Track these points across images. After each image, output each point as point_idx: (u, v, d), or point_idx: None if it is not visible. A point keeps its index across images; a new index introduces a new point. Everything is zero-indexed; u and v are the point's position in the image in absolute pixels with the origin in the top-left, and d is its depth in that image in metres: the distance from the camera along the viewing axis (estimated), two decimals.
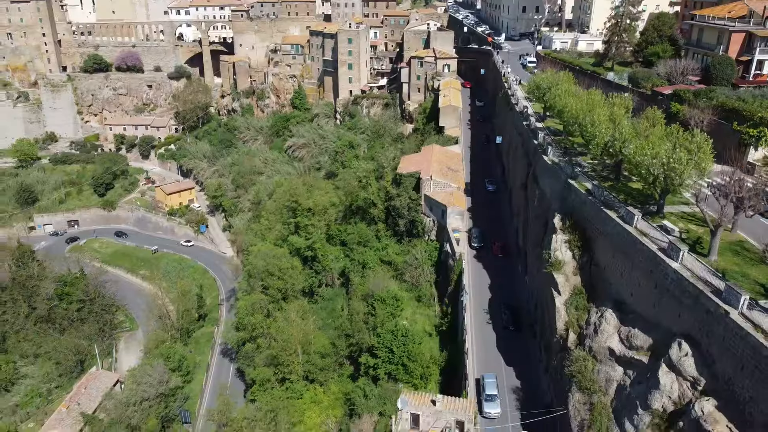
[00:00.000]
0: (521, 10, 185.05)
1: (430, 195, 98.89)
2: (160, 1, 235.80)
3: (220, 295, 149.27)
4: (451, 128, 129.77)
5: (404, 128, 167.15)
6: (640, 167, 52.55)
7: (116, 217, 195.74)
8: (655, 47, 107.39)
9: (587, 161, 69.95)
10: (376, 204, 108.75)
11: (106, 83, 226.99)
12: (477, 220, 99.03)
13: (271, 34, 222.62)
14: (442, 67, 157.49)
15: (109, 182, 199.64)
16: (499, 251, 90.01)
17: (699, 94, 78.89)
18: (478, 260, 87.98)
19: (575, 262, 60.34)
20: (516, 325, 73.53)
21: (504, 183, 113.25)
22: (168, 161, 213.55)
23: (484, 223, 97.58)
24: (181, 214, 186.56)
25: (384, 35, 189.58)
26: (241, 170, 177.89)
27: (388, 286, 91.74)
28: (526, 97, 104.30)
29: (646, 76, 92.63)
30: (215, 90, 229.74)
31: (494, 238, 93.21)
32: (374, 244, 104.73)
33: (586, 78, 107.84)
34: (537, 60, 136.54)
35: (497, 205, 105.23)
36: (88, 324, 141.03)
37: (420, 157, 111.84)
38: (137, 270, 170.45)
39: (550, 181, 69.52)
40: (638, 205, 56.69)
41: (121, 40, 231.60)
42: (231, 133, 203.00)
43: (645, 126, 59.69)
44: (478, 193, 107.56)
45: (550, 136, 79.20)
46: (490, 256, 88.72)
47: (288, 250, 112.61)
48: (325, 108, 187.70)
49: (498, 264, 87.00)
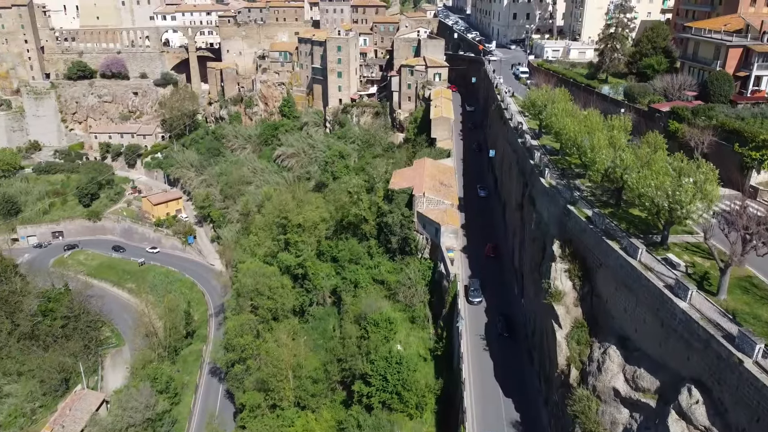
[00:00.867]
0: (512, 16, 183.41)
1: (423, 212, 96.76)
2: (146, 7, 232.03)
3: (209, 310, 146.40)
4: (443, 140, 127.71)
5: (395, 137, 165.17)
6: (644, 198, 50.63)
7: (102, 227, 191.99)
8: (649, 59, 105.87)
9: (586, 184, 67.98)
10: (367, 220, 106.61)
11: (90, 90, 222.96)
12: (470, 227, 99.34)
13: (259, 39, 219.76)
14: (433, 76, 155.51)
15: (95, 192, 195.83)
16: (491, 252, 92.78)
17: (697, 112, 77.25)
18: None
19: (576, 293, 58.37)
20: (510, 332, 74.79)
21: (497, 194, 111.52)
22: (155, 170, 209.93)
23: (477, 231, 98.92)
24: (169, 225, 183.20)
25: (374, 42, 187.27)
26: (229, 180, 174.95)
27: (381, 307, 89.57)
28: (520, 111, 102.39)
29: (642, 91, 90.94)
30: (202, 97, 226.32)
31: (486, 240, 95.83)
32: (366, 262, 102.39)
33: (580, 92, 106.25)
34: (530, 71, 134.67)
35: (489, 211, 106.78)
36: (72, 341, 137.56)
37: (412, 171, 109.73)
38: (124, 283, 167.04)
39: (548, 204, 67.54)
40: (641, 235, 54.88)
41: (106, 46, 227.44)
42: (219, 142, 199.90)
43: (646, 151, 57.77)
44: (470, 199, 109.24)
45: (546, 155, 77.26)
46: (483, 259, 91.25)
47: (278, 267, 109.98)
48: (314, 116, 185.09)
49: (491, 266, 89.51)
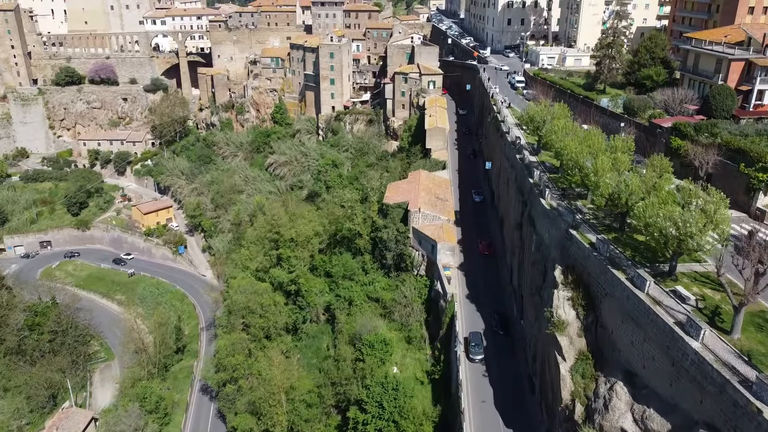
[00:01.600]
0: (506, 22, 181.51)
1: (418, 228, 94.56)
2: (135, 11, 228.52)
3: (200, 323, 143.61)
4: (438, 150, 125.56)
5: (388, 145, 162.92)
6: (651, 228, 48.56)
7: (91, 237, 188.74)
8: (648, 70, 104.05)
9: (587, 206, 65.95)
10: (361, 235, 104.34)
11: (79, 96, 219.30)
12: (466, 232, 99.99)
13: (250, 44, 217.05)
14: (428, 84, 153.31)
15: (83, 201, 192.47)
16: (485, 249, 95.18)
17: (700, 128, 75.40)
18: (471, 301, 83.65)
19: (579, 323, 56.21)
20: (504, 329, 77.13)
21: (494, 207, 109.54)
22: (145, 177, 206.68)
23: (471, 231, 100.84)
24: (159, 235, 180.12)
25: (367, 48, 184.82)
26: (221, 189, 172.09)
27: (376, 326, 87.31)
28: (517, 124, 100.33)
29: (642, 104, 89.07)
30: (193, 102, 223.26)
31: (480, 238, 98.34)
32: (360, 278, 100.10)
33: (578, 103, 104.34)
34: (526, 80, 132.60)
35: (483, 214, 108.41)
36: (60, 356, 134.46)
37: (407, 184, 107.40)
38: (113, 295, 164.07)
39: (549, 227, 65.39)
40: (647, 264, 52.86)
41: (95, 51, 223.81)
42: (210, 149, 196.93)
43: (651, 175, 55.75)
44: (465, 204, 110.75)
45: (545, 173, 75.18)
46: (479, 257, 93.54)
47: (270, 283, 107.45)
48: (306, 124, 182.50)
49: (485, 263, 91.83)
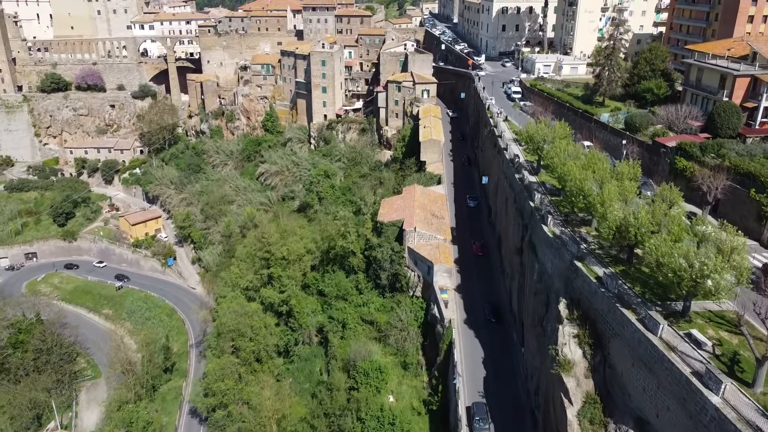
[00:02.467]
0: (500, 28, 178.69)
1: (414, 248, 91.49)
2: (123, 16, 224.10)
3: (189, 340, 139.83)
4: (433, 163, 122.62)
5: (382, 155, 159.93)
6: (664, 268, 45.68)
7: (77, 248, 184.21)
8: (648, 83, 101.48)
9: (592, 233, 63.09)
10: (355, 253, 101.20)
11: (65, 103, 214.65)
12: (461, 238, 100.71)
13: (241, 50, 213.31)
14: (421, 93, 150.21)
15: (70, 211, 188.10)
16: (479, 250, 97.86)
17: (706, 148, 72.79)
18: (470, 326, 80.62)
19: (587, 362, 53.33)
20: (497, 317, 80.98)
21: (491, 224, 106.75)
22: (133, 186, 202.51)
23: (465, 233, 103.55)
24: (147, 246, 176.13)
25: (359, 55, 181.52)
26: (210, 200, 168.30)
27: (371, 352, 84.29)
28: (515, 139, 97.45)
29: (644, 121, 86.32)
30: (182, 109, 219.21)
31: (474, 239, 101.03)
32: (354, 299, 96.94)
33: (577, 117, 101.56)
34: (522, 90, 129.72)
35: (478, 219, 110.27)
36: (45, 374, 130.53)
37: (402, 201, 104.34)
38: (100, 309, 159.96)
39: (552, 256, 62.46)
40: (658, 301, 50.05)
41: (81, 57, 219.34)
42: (199, 157, 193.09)
43: (661, 207, 52.92)
44: (460, 209, 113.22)
45: (546, 195, 72.30)
46: (473, 256, 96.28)
47: (260, 303, 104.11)
48: (298, 132, 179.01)
49: (478, 262, 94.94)
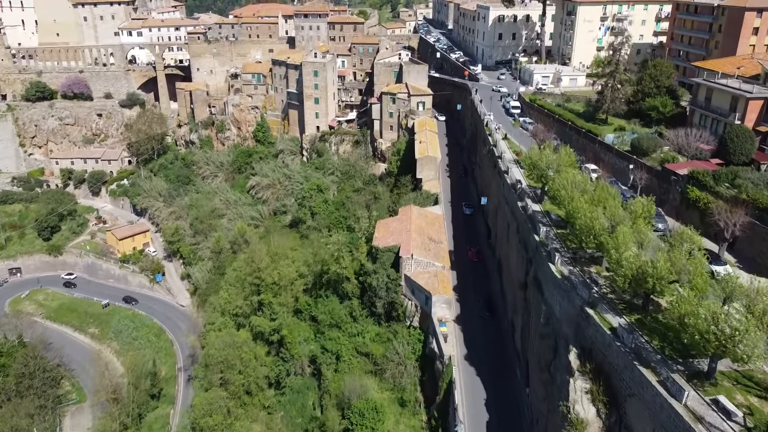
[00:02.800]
0: (497, 36, 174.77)
1: (411, 276, 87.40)
2: (110, 22, 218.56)
3: (178, 363, 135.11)
4: (430, 180, 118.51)
5: (376, 168, 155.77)
6: (690, 329, 41.67)
7: (63, 263, 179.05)
8: (653, 100, 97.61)
9: (603, 273, 59.08)
10: (349, 279, 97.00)
11: (50, 112, 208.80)
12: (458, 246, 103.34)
13: (231, 57, 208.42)
14: (417, 105, 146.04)
15: (55, 224, 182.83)
16: (474, 256, 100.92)
17: (719, 176, 69.05)
18: (471, 363, 76.58)
19: (601, 422, 49.30)
20: (490, 311, 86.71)
21: (490, 247, 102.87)
22: (121, 198, 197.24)
23: (461, 239, 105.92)
24: (135, 261, 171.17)
25: (352, 64, 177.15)
26: (200, 214, 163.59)
27: (366, 388, 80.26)
28: (515, 160, 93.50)
29: (652, 144, 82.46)
30: (172, 117, 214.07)
31: (470, 246, 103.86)
32: (348, 328, 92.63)
33: (580, 137, 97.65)
34: (521, 106, 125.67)
35: (474, 226, 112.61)
36: (27, 399, 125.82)
37: (398, 223, 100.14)
38: (86, 328, 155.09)
39: (560, 299, 58.40)
40: (679, 358, 46.06)
41: (67, 65, 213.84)
42: (189, 169, 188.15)
43: (681, 254, 48.93)
44: (457, 217, 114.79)
45: (552, 228, 68.22)
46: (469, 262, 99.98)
47: (250, 331, 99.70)
48: (290, 144, 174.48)
49: (473, 267, 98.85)
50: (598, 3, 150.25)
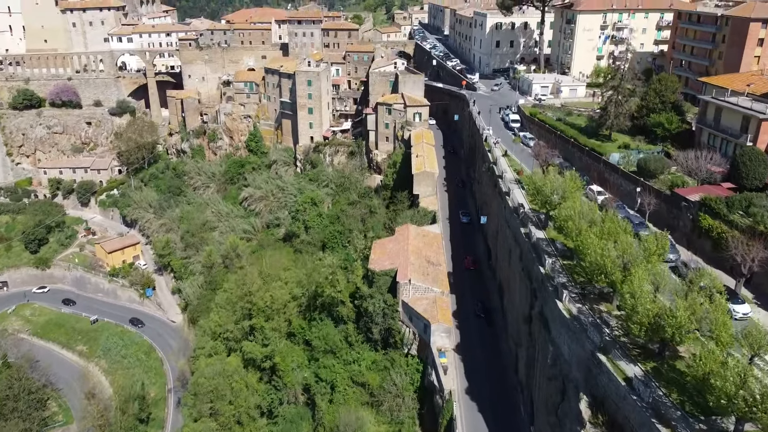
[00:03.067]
0: (494, 44, 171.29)
1: (409, 303, 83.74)
2: (99, 28, 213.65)
3: (168, 383, 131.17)
4: (427, 197, 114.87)
5: (371, 179, 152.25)
6: (717, 392, 38.21)
7: (51, 276, 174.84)
8: (658, 116, 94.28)
9: (614, 312, 55.65)
10: (344, 303, 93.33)
11: (38, 121, 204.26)
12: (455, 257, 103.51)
13: (223, 64, 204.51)
14: (413, 116, 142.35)
15: (43, 237, 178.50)
16: (471, 264, 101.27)
17: (733, 204, 65.67)
18: (472, 398, 72.99)
19: None
20: (485, 312, 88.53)
21: (490, 267, 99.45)
22: (110, 209, 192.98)
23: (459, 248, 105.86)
24: (125, 275, 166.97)
25: (347, 72, 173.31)
26: (191, 228, 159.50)
27: (362, 421, 76.56)
28: (516, 180, 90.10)
29: (659, 165, 79.11)
30: (163, 125, 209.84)
31: (466, 253, 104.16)
32: (344, 355, 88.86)
33: (584, 156, 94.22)
34: (521, 119, 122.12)
35: (471, 234, 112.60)
36: (12, 422, 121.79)
37: (394, 244, 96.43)
38: (73, 345, 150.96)
39: (568, 340, 54.91)
40: (701, 415, 42.64)
41: (55, 72, 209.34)
42: (180, 179, 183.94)
43: (701, 299, 45.47)
44: (454, 225, 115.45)
45: (558, 259, 64.78)
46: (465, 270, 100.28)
47: (241, 357, 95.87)
48: (283, 154, 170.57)
49: (470, 275, 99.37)
50: (598, 11, 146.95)
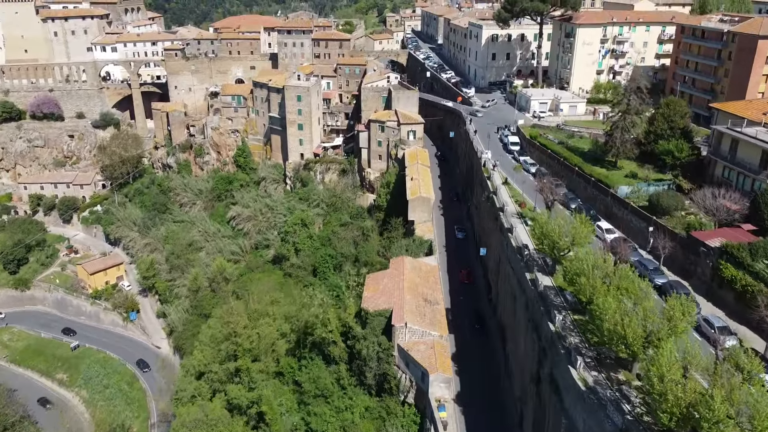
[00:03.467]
0: (490, 57, 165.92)
1: (405, 348, 78.19)
2: (82, 38, 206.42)
3: (150, 418, 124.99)
4: (423, 223, 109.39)
5: (364, 198, 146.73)
6: None
7: (31, 298, 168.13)
8: (667, 144, 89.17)
9: (635, 383, 50.34)
10: (336, 343, 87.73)
11: (18, 134, 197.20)
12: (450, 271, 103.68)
13: (211, 74, 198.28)
14: (407, 134, 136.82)
15: (23, 256, 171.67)
16: (466, 278, 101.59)
17: (757, 251, 60.54)
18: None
19: None
20: (480, 323, 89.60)
21: (489, 297, 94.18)
22: (94, 226, 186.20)
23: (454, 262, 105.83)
24: (108, 297, 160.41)
25: (338, 85, 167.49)
26: (176, 249, 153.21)
27: None
28: (519, 214, 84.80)
29: (673, 203, 73.96)
30: (148, 137, 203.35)
31: (461, 267, 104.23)
32: (336, 401, 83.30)
33: (589, 187, 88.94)
34: (521, 142, 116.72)
35: (465, 249, 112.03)
36: None
37: (389, 279, 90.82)
38: (53, 373, 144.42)
39: (584, 414, 49.49)
40: None
41: (36, 83, 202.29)
42: (165, 195, 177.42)
43: (736, 382, 40.20)
44: (449, 241, 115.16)
45: (569, 314, 59.43)
46: (460, 284, 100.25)
47: (226, 401, 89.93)
48: (273, 171, 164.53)
49: (465, 288, 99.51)
50: (598, 25, 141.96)
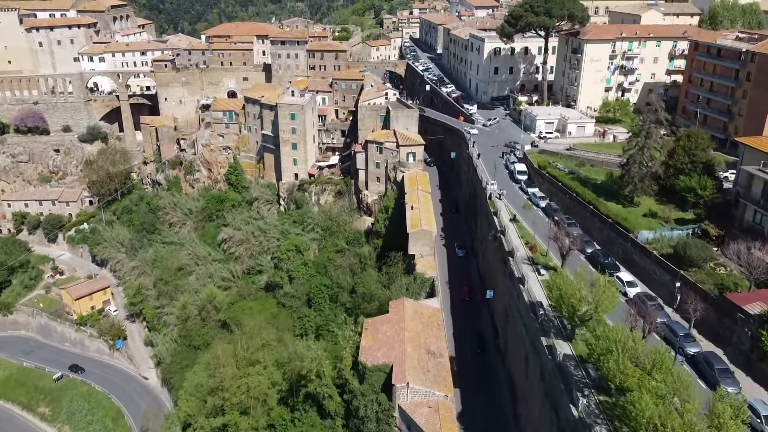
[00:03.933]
0: (493, 71, 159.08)
1: (406, 410, 71.44)
2: (69, 48, 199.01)
3: None
4: (424, 257, 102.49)
5: (361, 222, 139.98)
6: None
7: (13, 322, 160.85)
8: (689, 180, 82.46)
9: None
10: (332, 397, 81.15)
11: (2, 149, 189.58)
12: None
13: (202, 86, 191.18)
14: (406, 156, 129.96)
15: (5, 279, 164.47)
16: (467, 295, 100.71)
17: None
18: None
19: None
20: (481, 347, 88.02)
21: (499, 356, 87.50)
22: (80, 245, 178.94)
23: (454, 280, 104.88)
24: (93, 323, 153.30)
25: (334, 101, 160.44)
26: (164, 274, 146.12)
27: None
28: (530, 260, 78.11)
29: (702, 254, 67.24)
30: (137, 150, 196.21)
31: (462, 284, 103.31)
32: None
33: (605, 228, 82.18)
34: (528, 171, 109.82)
35: (467, 268, 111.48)
36: None
37: (388, 326, 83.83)
38: (35, 406, 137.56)
39: None
40: None
41: (20, 95, 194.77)
42: (154, 214, 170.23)
43: None
44: (450, 258, 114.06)
45: (593, 394, 52.72)
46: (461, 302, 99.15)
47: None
48: (266, 191, 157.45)
49: (466, 306, 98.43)
50: (607, 41, 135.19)
